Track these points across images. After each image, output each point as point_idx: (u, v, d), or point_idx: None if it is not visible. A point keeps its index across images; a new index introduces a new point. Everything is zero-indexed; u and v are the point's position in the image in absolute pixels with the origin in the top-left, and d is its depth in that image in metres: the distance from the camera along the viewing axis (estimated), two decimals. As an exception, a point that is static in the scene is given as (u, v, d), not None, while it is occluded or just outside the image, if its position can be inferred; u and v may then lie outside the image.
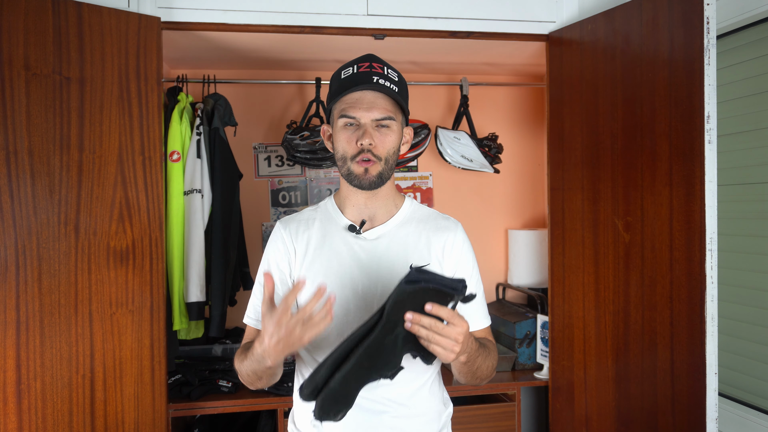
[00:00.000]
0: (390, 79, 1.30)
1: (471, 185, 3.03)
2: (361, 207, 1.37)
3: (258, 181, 2.86)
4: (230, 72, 2.78)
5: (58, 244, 1.83)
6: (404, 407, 1.32)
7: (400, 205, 1.42)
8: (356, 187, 1.32)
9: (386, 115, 1.29)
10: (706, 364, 1.70)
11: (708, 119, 1.69)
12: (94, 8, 1.89)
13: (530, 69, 2.90)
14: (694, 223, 1.73)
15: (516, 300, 2.95)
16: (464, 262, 1.39)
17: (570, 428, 2.25)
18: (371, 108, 1.28)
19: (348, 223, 1.37)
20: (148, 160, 1.98)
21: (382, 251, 1.35)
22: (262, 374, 1.26)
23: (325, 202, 1.44)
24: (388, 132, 1.30)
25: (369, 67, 1.29)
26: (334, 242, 1.36)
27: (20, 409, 1.78)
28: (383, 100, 1.29)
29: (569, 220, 2.21)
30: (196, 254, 2.22)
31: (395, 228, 1.38)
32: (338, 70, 1.34)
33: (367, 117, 1.28)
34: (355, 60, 1.33)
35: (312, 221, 1.40)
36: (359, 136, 1.28)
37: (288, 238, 1.38)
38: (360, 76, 1.28)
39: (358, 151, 1.29)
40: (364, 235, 1.36)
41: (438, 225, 1.40)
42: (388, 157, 1.31)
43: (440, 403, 1.40)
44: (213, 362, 2.38)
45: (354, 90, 1.27)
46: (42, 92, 1.81)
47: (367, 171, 1.29)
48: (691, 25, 1.74)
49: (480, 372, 1.30)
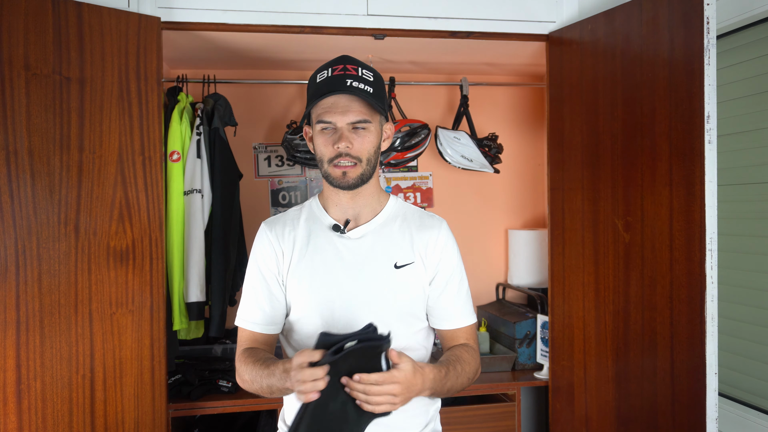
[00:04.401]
0: (364, 80, 1.31)
1: (471, 185, 3.03)
2: (344, 206, 1.39)
3: (258, 181, 2.86)
4: (230, 72, 2.78)
5: (58, 244, 1.83)
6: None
7: (385, 203, 1.43)
8: (337, 188, 1.34)
9: (361, 117, 1.31)
10: (706, 364, 1.70)
11: (708, 119, 1.69)
12: (94, 8, 1.89)
13: (530, 69, 2.90)
14: (694, 223, 1.73)
15: (516, 300, 2.95)
16: (447, 259, 1.40)
17: (570, 428, 2.25)
18: (346, 112, 1.29)
19: (332, 222, 1.39)
20: (148, 160, 1.98)
21: (367, 250, 1.36)
22: (278, 392, 1.28)
23: (310, 202, 1.45)
24: (365, 134, 1.32)
25: (343, 70, 1.30)
26: (319, 242, 1.37)
27: (20, 409, 1.78)
28: (358, 104, 1.30)
29: (569, 220, 2.21)
30: (196, 254, 2.22)
31: (379, 226, 1.39)
32: (314, 74, 1.35)
33: (342, 121, 1.30)
34: (330, 63, 1.34)
35: (297, 221, 1.41)
36: (335, 140, 1.29)
37: (274, 240, 1.39)
38: (334, 81, 1.29)
39: (335, 155, 1.30)
40: (348, 235, 1.37)
41: (422, 223, 1.41)
42: (369, 158, 1.33)
43: (426, 398, 1.39)
44: (213, 362, 2.38)
45: (328, 95, 1.28)
46: (42, 92, 1.81)
47: (345, 174, 1.31)
48: (691, 25, 1.73)
49: (454, 389, 1.32)
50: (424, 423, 1.38)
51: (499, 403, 2.44)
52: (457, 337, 1.42)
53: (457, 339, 1.42)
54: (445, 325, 1.41)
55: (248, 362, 1.32)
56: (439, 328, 1.42)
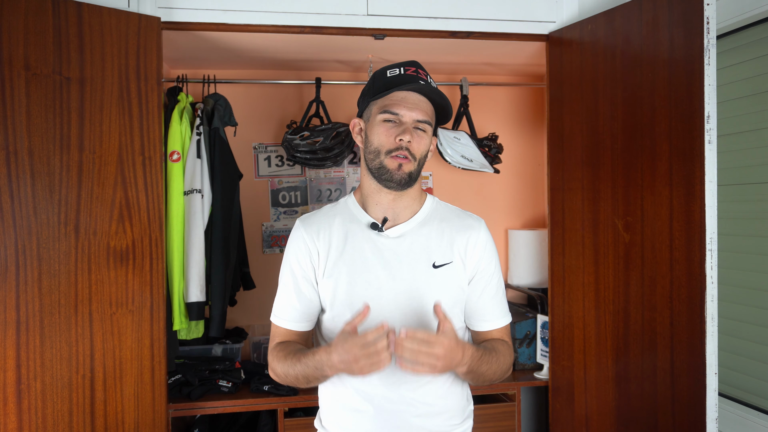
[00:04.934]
0: (432, 86, 1.34)
1: (471, 185, 3.03)
2: (384, 206, 1.38)
3: (258, 181, 2.86)
4: (230, 72, 2.78)
5: (58, 244, 1.83)
6: (426, 405, 1.33)
7: (423, 202, 1.42)
8: (385, 182, 1.33)
9: (426, 118, 1.32)
10: (706, 364, 1.70)
11: (708, 119, 1.69)
12: (94, 8, 1.89)
13: (530, 69, 2.90)
14: (694, 223, 1.73)
15: (516, 300, 2.95)
16: (486, 259, 1.40)
17: (570, 428, 2.25)
18: (414, 108, 1.30)
19: (370, 220, 1.37)
20: (148, 160, 1.98)
21: (405, 249, 1.35)
22: (314, 380, 1.30)
23: (345, 200, 1.44)
24: (423, 135, 1.33)
25: (415, 72, 1.32)
26: (357, 241, 1.36)
27: (20, 409, 1.78)
28: (425, 104, 1.32)
29: (569, 220, 2.21)
30: (196, 254, 2.22)
31: (418, 226, 1.38)
32: (383, 69, 1.36)
33: (409, 116, 1.30)
34: (400, 63, 1.35)
35: (332, 219, 1.40)
36: (399, 133, 1.29)
37: (309, 238, 1.38)
38: (407, 78, 1.31)
39: (395, 147, 1.30)
40: (386, 233, 1.36)
41: (461, 223, 1.41)
42: (421, 159, 1.34)
43: (463, 399, 1.42)
44: (213, 362, 2.38)
45: (402, 88, 1.29)
46: (42, 92, 1.81)
47: (400, 167, 1.30)
48: (691, 25, 1.73)
49: (486, 376, 1.32)
50: (458, 422, 1.40)
51: (499, 403, 2.44)
52: (492, 336, 1.42)
53: (492, 337, 1.43)
54: (483, 326, 1.41)
55: (280, 355, 1.34)
56: (478, 329, 1.42)
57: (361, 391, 1.32)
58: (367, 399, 1.32)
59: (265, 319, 2.56)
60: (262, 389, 2.30)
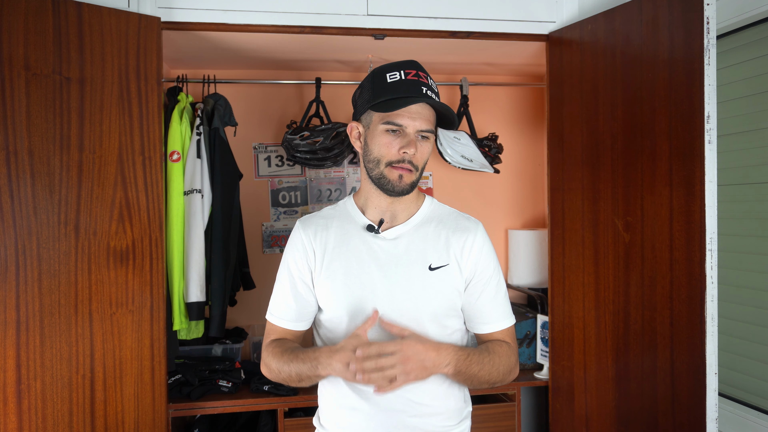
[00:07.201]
0: (433, 91, 1.32)
1: (471, 185, 3.03)
2: (383, 209, 1.38)
3: (258, 181, 2.86)
4: (230, 72, 2.78)
5: (58, 244, 1.83)
6: (422, 406, 1.33)
7: (420, 204, 1.42)
8: (386, 192, 1.32)
9: (429, 127, 1.31)
10: (706, 364, 1.70)
11: (708, 119, 1.69)
12: (94, 8, 1.89)
13: (530, 69, 2.90)
14: (694, 223, 1.73)
15: (516, 300, 2.95)
16: (483, 262, 1.39)
17: (570, 428, 2.25)
18: (417, 118, 1.29)
19: (367, 222, 1.38)
20: (148, 160, 1.98)
21: (401, 251, 1.35)
22: (306, 379, 1.31)
23: (344, 202, 1.45)
24: (426, 143, 1.32)
25: (416, 76, 1.30)
26: (353, 242, 1.36)
27: (20, 409, 1.78)
28: (428, 112, 1.31)
29: (569, 220, 2.21)
30: (196, 254, 2.22)
31: (414, 228, 1.38)
32: (382, 71, 1.32)
33: (412, 126, 1.29)
34: (399, 64, 1.32)
35: (330, 220, 1.41)
36: (403, 144, 1.28)
37: (306, 239, 1.39)
38: (409, 85, 1.28)
39: (398, 159, 1.29)
40: (382, 235, 1.36)
41: (458, 225, 1.40)
42: (423, 167, 1.34)
43: (461, 401, 1.41)
44: (213, 362, 2.38)
45: (407, 103, 1.26)
46: (42, 92, 1.81)
47: (401, 178, 1.30)
48: (691, 25, 1.73)
49: (480, 377, 1.31)
50: (455, 423, 1.39)
51: (499, 403, 2.44)
52: (494, 338, 1.41)
53: (494, 339, 1.42)
54: (484, 328, 1.40)
55: (276, 351, 1.35)
56: (479, 332, 1.41)
57: (357, 390, 1.33)
58: (363, 398, 1.32)
59: (264, 319, 2.56)
60: (262, 389, 2.30)
